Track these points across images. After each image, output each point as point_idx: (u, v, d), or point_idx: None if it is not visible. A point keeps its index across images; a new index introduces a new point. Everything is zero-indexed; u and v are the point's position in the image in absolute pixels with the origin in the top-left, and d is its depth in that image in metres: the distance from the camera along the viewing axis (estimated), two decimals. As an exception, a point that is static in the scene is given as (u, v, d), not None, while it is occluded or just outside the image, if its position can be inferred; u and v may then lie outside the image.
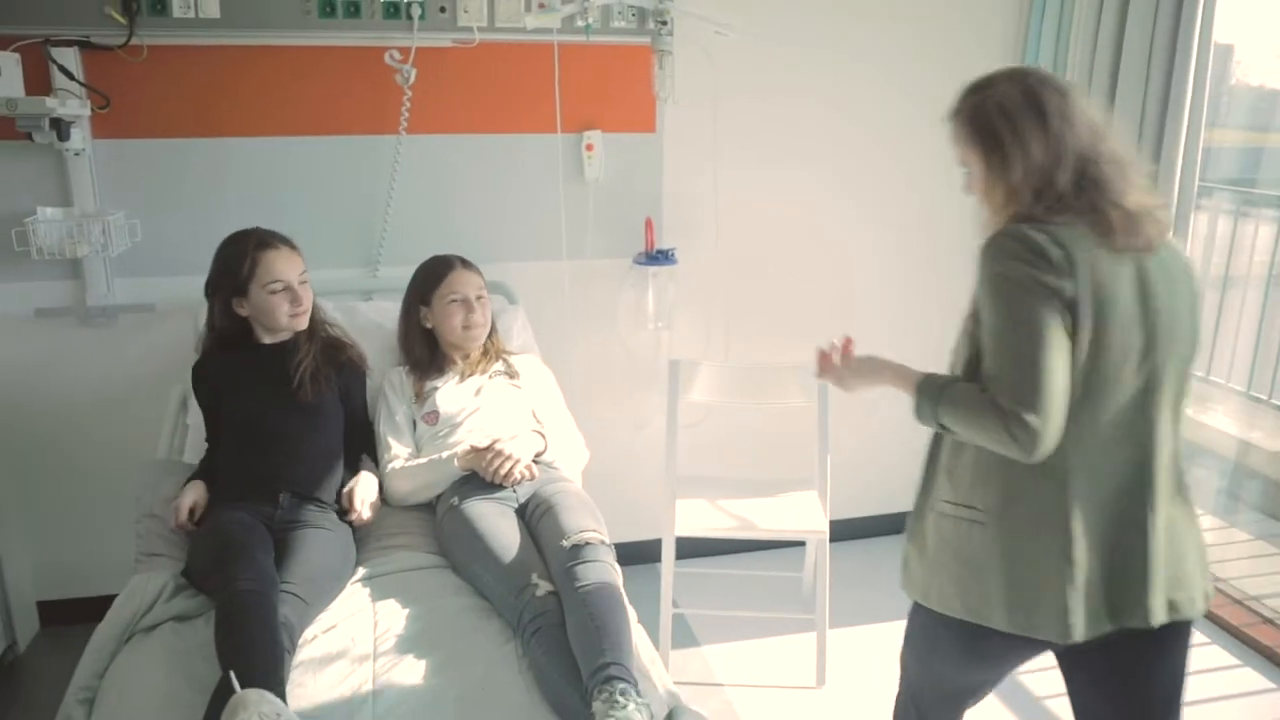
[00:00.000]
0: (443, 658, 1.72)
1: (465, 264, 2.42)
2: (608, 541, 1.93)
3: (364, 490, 2.17)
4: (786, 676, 2.68)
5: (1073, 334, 1.37)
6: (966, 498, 1.49)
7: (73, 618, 2.65)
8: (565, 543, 1.89)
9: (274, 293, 2.18)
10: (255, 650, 1.62)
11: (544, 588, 1.80)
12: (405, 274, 2.49)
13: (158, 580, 1.92)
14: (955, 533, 1.51)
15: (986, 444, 1.41)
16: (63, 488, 2.78)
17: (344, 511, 2.14)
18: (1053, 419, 1.34)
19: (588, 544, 1.87)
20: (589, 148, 2.84)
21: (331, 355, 2.30)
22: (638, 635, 1.82)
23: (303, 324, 2.25)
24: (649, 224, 2.92)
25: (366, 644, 1.77)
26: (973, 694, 1.70)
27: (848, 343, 1.70)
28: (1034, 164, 1.42)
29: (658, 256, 2.90)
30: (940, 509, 1.54)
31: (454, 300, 2.36)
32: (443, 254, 2.45)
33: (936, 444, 1.58)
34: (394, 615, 1.85)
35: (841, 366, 1.69)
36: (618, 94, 2.85)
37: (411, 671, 1.69)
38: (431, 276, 2.39)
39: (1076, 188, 1.42)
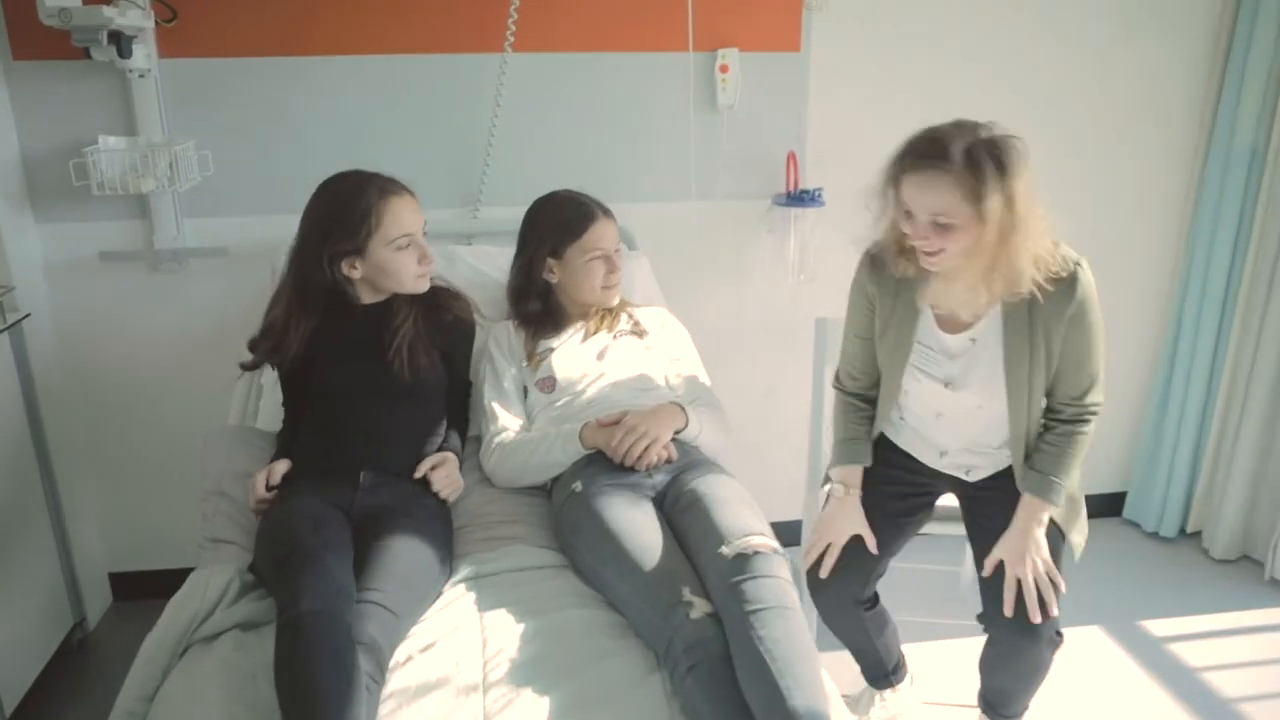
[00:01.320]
0: (570, 695, 1.38)
1: (605, 211, 2.10)
2: (780, 550, 1.56)
3: (444, 478, 1.88)
4: (946, 691, 2.34)
5: None
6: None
7: (148, 591, 2.52)
8: (726, 550, 1.52)
9: (401, 249, 1.89)
10: (324, 698, 1.31)
11: (700, 608, 1.45)
12: (509, 215, 2.25)
13: (221, 577, 1.64)
14: None
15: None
16: (132, 450, 2.65)
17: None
18: None
19: (756, 553, 1.50)
20: (723, 69, 2.56)
21: (435, 316, 2.01)
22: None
23: (426, 284, 1.98)
24: (792, 159, 2.63)
25: (474, 671, 1.44)
26: None
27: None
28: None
29: (801, 197, 2.63)
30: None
31: (597, 256, 2.05)
32: (569, 193, 2.14)
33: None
34: (507, 631, 1.52)
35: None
36: (758, 4, 2.56)
37: (531, 713, 1.35)
38: (568, 226, 2.06)
39: None
